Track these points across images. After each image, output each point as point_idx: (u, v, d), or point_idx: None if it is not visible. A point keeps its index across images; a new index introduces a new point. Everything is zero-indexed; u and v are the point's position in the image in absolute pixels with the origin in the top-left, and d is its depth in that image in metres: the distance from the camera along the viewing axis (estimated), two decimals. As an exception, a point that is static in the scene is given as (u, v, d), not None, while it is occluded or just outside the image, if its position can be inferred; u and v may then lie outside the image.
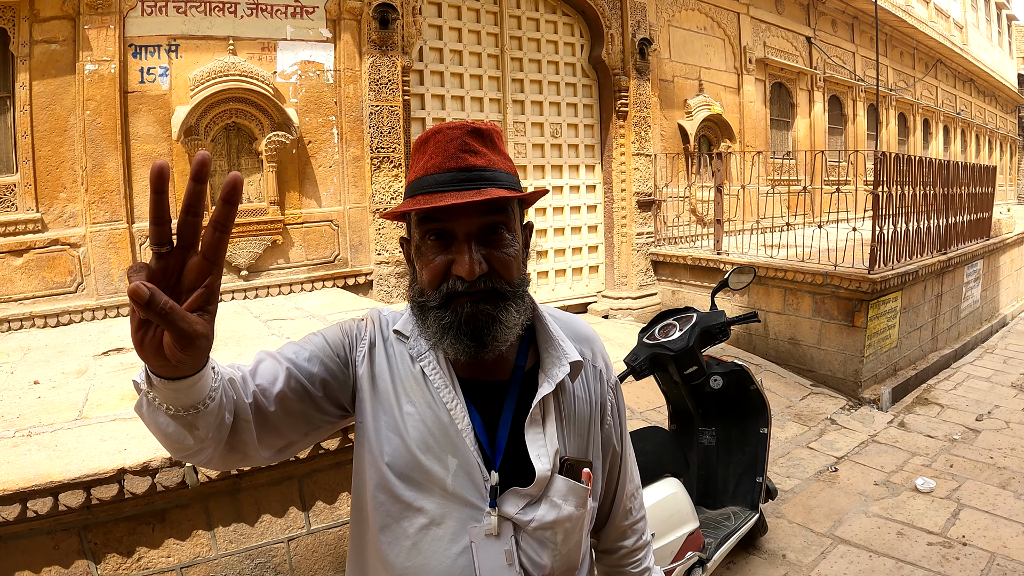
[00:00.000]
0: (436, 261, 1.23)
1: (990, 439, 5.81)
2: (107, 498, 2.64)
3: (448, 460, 1.25)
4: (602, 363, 1.47)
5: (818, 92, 13.44)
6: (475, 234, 1.21)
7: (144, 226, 6.17)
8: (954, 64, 20.26)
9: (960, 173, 8.85)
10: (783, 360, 7.38)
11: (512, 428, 1.29)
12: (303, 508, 3.15)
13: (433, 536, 1.24)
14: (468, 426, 1.25)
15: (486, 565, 1.23)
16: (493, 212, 1.22)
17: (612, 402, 1.48)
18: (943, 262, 7.99)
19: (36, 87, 5.80)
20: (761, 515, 3.92)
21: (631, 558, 1.58)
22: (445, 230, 1.21)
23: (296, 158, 6.89)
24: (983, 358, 8.76)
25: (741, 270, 3.89)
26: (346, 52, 7.06)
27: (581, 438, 1.37)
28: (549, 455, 1.27)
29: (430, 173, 1.22)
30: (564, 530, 1.27)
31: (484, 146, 1.24)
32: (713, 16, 10.93)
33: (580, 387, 1.39)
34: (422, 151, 1.26)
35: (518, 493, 1.26)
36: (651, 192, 9.38)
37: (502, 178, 1.23)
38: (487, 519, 1.23)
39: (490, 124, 1.28)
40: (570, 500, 1.27)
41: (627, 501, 1.56)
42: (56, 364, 4.49)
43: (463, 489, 1.24)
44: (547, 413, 1.30)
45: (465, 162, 1.21)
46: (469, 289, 1.21)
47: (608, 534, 1.56)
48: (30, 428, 3.12)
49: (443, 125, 1.25)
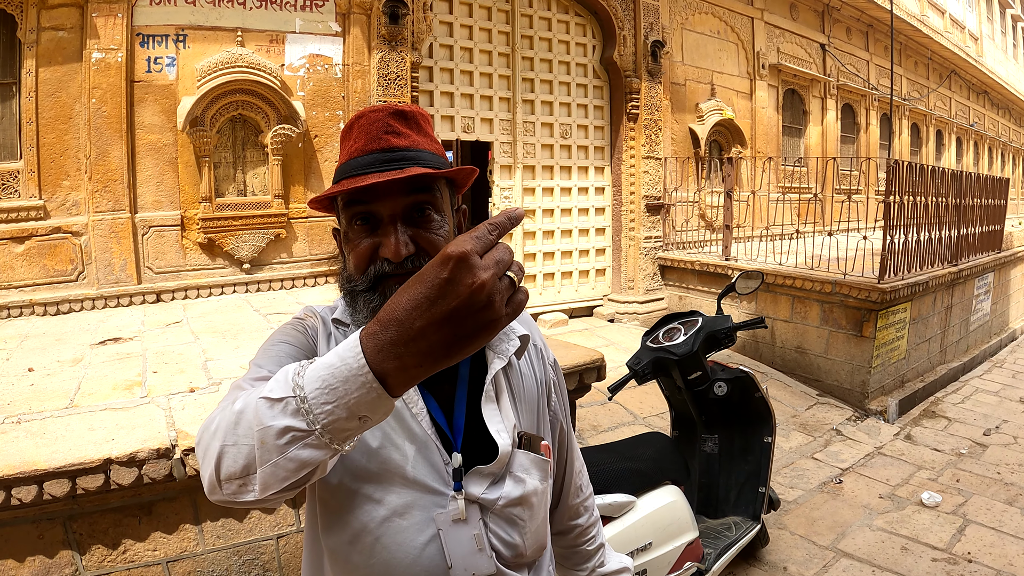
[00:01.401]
0: (362, 244, 1.19)
1: (997, 454, 5.72)
2: (93, 488, 2.59)
3: (405, 447, 1.20)
4: (540, 342, 1.48)
5: (831, 100, 13.36)
6: (400, 215, 1.18)
7: (147, 215, 6.15)
8: (968, 75, 20.13)
9: (973, 184, 8.76)
10: (789, 369, 7.30)
11: (467, 408, 1.26)
12: (293, 506, 3.09)
13: (396, 528, 1.18)
14: (423, 409, 1.21)
15: (457, 552, 1.18)
16: (418, 191, 1.18)
17: (555, 380, 1.48)
18: (954, 274, 7.90)
19: (42, 74, 5.77)
20: (763, 526, 3.84)
21: (585, 535, 1.59)
22: (371, 213, 1.18)
23: (302, 152, 6.84)
24: (992, 372, 8.66)
25: (748, 275, 3.83)
26: (355, 46, 7.01)
27: (532, 415, 1.36)
28: (508, 430, 1.25)
29: (354, 157, 1.20)
30: (531, 505, 1.25)
31: (407, 127, 1.22)
32: (727, 20, 10.85)
33: (526, 365, 1.39)
34: (348, 136, 1.24)
35: (481, 473, 1.22)
36: (660, 196, 9.31)
37: (426, 158, 1.20)
38: (452, 504, 1.19)
39: (416, 107, 1.26)
40: (533, 473, 1.25)
41: (576, 478, 1.56)
42: (52, 352, 4.45)
43: (424, 475, 1.19)
44: (500, 390, 1.29)
45: (388, 143, 1.19)
46: (397, 270, 1.17)
47: (562, 513, 1.56)
48: (20, 415, 3.07)
49: (367, 109, 1.23)
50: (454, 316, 0.77)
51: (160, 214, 6.23)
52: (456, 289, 0.76)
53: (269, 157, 6.58)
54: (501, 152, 8.38)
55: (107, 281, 6.01)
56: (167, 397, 3.33)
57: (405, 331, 0.79)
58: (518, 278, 0.81)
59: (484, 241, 0.78)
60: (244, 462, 0.92)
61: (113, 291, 6.02)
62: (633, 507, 2.82)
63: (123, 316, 5.67)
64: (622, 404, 5.76)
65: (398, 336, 0.80)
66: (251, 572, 2.97)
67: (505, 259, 0.79)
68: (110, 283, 6.03)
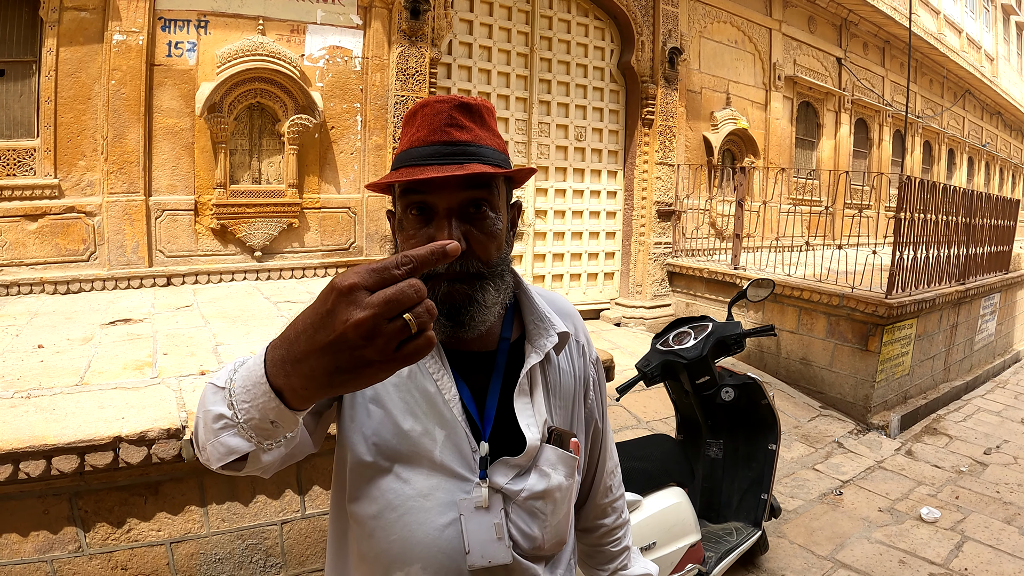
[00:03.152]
0: (416, 236, 1.19)
1: (997, 473, 5.72)
2: (101, 465, 2.60)
3: (435, 431, 1.22)
4: (584, 339, 1.48)
5: (845, 114, 13.35)
6: (456, 209, 1.18)
7: (161, 199, 6.17)
8: (983, 96, 20.08)
9: (983, 204, 8.74)
10: (793, 380, 7.30)
11: (501, 399, 1.27)
12: (299, 492, 3.10)
13: (420, 508, 1.20)
14: (455, 396, 1.23)
15: (475, 539, 1.20)
16: (475, 187, 1.19)
17: (595, 377, 1.49)
18: (961, 292, 7.89)
19: (63, 53, 5.79)
20: (763, 533, 3.85)
21: (611, 536, 1.59)
22: (426, 204, 1.18)
23: (318, 142, 6.86)
24: (994, 392, 8.64)
25: (760, 283, 3.84)
26: (375, 40, 7.03)
27: (566, 411, 1.37)
28: (538, 424, 1.26)
29: (415, 146, 1.20)
30: (554, 500, 1.26)
31: (471, 121, 1.22)
32: (745, 30, 10.85)
33: (565, 360, 1.39)
34: (411, 124, 1.24)
35: (507, 463, 1.24)
36: (671, 202, 9.31)
37: (487, 154, 1.20)
38: (476, 491, 1.21)
39: (481, 100, 1.26)
40: (559, 469, 1.26)
41: (607, 478, 1.57)
42: (62, 330, 4.47)
43: (451, 461, 1.22)
44: (535, 384, 1.30)
45: (450, 136, 1.19)
46: (447, 271, 1.17)
47: (589, 512, 1.57)
48: (29, 390, 3.09)
49: (432, 98, 1.23)
50: (331, 349, 0.75)
51: (174, 198, 6.26)
52: (333, 323, 0.74)
53: (285, 146, 6.60)
54: (515, 152, 8.38)
55: (118, 263, 6.04)
56: (178, 379, 3.35)
57: (292, 352, 0.80)
58: (418, 322, 0.74)
59: (380, 276, 0.74)
60: (201, 435, 1.01)
61: (124, 273, 6.04)
62: (640, 506, 2.84)
63: (133, 298, 5.69)
64: (626, 408, 5.77)
65: (287, 355, 0.82)
66: (254, 557, 2.98)
67: (398, 299, 0.73)
68: (121, 264, 6.05)
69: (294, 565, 3.04)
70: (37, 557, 2.61)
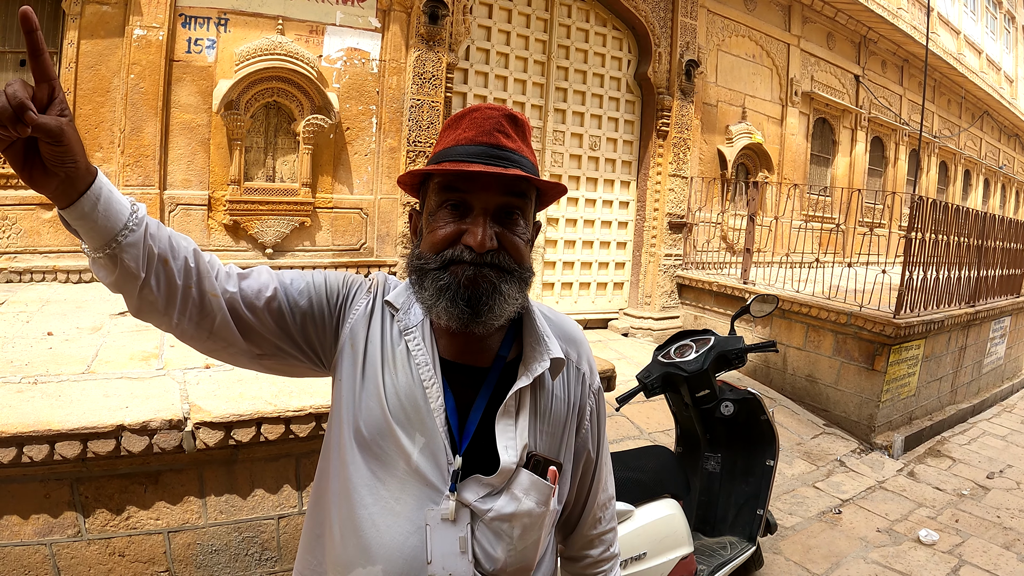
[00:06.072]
0: (448, 228, 1.22)
1: (999, 498, 5.69)
2: (103, 453, 2.64)
3: (416, 436, 1.24)
4: (587, 367, 1.46)
5: (861, 132, 13.32)
6: (492, 210, 1.22)
7: (176, 193, 6.23)
8: (1001, 117, 19.99)
9: (996, 226, 8.71)
10: (798, 397, 7.29)
11: (485, 417, 1.28)
12: (297, 487, 3.13)
13: (390, 511, 1.23)
14: (441, 406, 1.24)
15: (438, 550, 1.21)
16: (513, 194, 1.23)
17: (592, 408, 1.47)
18: (970, 314, 7.85)
19: (84, 46, 5.87)
20: (758, 548, 3.85)
21: (595, 568, 1.56)
22: (464, 201, 1.22)
23: (332, 143, 6.91)
24: (1001, 416, 8.60)
25: (764, 298, 3.84)
26: (393, 43, 7.08)
27: (553, 437, 1.36)
28: (517, 448, 1.26)
29: (461, 144, 1.23)
30: (522, 525, 1.25)
31: (517, 132, 1.27)
32: (763, 45, 10.86)
33: (560, 387, 1.38)
34: (456, 126, 1.28)
35: (480, 481, 1.24)
36: (683, 215, 9.31)
37: (527, 165, 1.25)
38: (445, 503, 1.22)
39: (523, 115, 1.30)
40: (532, 495, 1.26)
41: (598, 510, 1.54)
42: (72, 318, 4.52)
43: (426, 468, 1.23)
44: (522, 406, 1.29)
45: (498, 140, 1.22)
46: (476, 260, 1.20)
47: (575, 541, 1.55)
48: (36, 376, 3.14)
49: (482, 104, 1.27)
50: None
51: (188, 192, 6.32)
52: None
53: (300, 145, 6.65)
54: (528, 158, 8.38)
55: (131, 254, 6.07)
56: (183, 371, 3.39)
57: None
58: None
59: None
60: None
61: (136, 265, 6.08)
62: (631, 516, 2.84)
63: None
64: (628, 418, 5.78)
65: None
66: (250, 549, 3.01)
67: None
68: (133, 256, 6.09)
69: (288, 559, 3.07)
70: (36, 540, 2.65)
